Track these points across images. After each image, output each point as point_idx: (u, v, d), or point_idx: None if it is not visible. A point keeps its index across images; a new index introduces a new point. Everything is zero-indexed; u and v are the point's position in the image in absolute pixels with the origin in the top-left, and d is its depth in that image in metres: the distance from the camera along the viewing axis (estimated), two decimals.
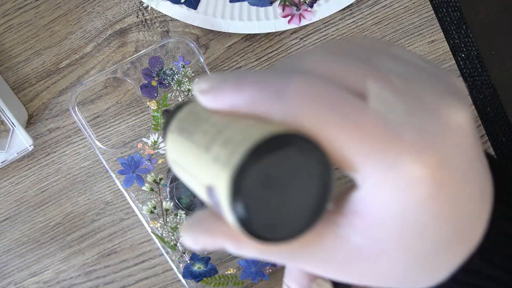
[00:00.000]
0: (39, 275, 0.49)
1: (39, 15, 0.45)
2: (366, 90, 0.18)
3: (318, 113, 0.17)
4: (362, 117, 0.17)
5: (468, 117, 0.18)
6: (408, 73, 0.19)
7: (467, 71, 0.46)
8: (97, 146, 0.44)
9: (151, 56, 0.43)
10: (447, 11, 0.46)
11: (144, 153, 0.44)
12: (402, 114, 0.18)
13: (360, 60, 0.19)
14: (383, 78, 0.18)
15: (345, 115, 0.17)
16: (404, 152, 0.17)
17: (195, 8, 0.43)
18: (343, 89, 0.18)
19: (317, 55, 0.20)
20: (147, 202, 0.45)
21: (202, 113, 0.20)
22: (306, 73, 0.19)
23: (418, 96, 0.18)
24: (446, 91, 0.19)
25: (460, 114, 0.18)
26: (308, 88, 0.18)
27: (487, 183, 0.20)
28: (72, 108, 0.43)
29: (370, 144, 0.17)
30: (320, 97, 0.18)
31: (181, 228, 0.20)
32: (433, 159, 0.17)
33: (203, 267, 0.46)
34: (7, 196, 0.47)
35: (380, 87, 0.18)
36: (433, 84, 0.19)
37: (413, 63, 0.20)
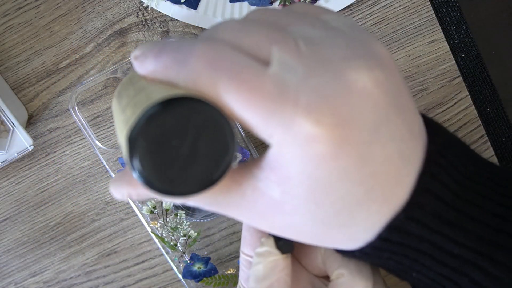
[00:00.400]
0: (39, 275, 0.49)
1: (39, 15, 0.45)
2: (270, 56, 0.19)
3: (215, 78, 0.18)
4: (258, 81, 0.18)
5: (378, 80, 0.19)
6: (323, 38, 0.20)
7: (467, 71, 0.46)
8: (97, 146, 0.44)
9: None
10: (447, 11, 0.46)
11: None
12: (301, 77, 0.18)
13: (271, 28, 0.20)
14: (289, 44, 0.19)
15: (241, 80, 0.18)
16: (298, 113, 0.18)
17: (195, 8, 0.43)
18: (245, 55, 0.19)
19: (230, 23, 0.21)
20: (147, 202, 0.45)
21: (135, 79, 0.22)
22: (215, 40, 0.20)
23: (323, 60, 0.19)
24: (358, 54, 0.19)
25: (365, 76, 0.18)
26: (207, 55, 0.19)
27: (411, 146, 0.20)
28: (72, 108, 0.43)
29: (266, 106, 0.18)
30: (218, 63, 0.19)
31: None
32: (328, 119, 0.18)
33: (203, 267, 0.46)
34: (7, 196, 0.47)
35: (282, 52, 0.19)
36: (346, 48, 0.19)
37: (336, 28, 0.20)
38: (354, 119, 0.18)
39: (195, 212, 0.45)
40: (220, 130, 0.18)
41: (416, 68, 0.46)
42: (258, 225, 0.22)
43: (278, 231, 0.22)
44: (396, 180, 0.20)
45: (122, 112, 0.21)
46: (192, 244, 0.46)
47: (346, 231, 0.21)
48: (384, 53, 0.20)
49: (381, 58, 0.20)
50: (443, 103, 0.46)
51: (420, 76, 0.46)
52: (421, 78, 0.46)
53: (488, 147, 0.47)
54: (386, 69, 0.19)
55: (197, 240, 0.46)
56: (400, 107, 0.20)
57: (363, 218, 0.20)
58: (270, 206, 0.20)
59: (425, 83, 0.46)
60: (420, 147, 0.20)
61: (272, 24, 0.21)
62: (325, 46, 0.19)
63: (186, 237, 0.45)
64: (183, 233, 0.45)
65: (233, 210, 0.21)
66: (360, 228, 0.20)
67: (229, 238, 0.47)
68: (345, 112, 0.18)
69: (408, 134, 0.20)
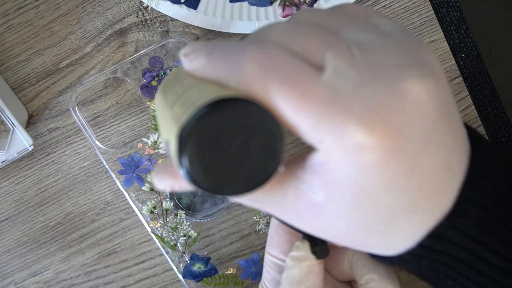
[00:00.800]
0: (39, 275, 0.49)
1: (39, 15, 0.45)
2: (324, 61, 0.19)
3: (267, 81, 0.18)
4: (311, 87, 0.18)
5: (430, 89, 0.18)
6: (376, 44, 0.19)
7: (467, 71, 0.46)
8: (97, 146, 0.44)
9: (151, 56, 0.43)
10: (447, 11, 0.46)
11: (144, 153, 0.44)
12: (355, 85, 0.18)
13: (325, 31, 0.20)
14: (343, 50, 0.19)
15: (294, 85, 0.18)
16: (350, 121, 0.18)
17: (195, 8, 0.43)
18: (299, 59, 0.19)
19: (283, 25, 0.21)
20: (147, 202, 0.45)
21: (182, 75, 0.21)
22: (267, 42, 0.20)
23: (376, 67, 0.18)
24: (410, 62, 0.19)
25: (418, 85, 0.18)
26: (260, 58, 0.19)
27: (457, 156, 0.20)
28: (72, 108, 0.43)
29: (317, 113, 0.18)
30: (270, 67, 0.18)
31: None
32: (380, 128, 0.18)
33: (203, 267, 0.46)
34: (7, 196, 0.47)
35: (336, 58, 0.19)
36: (399, 55, 0.19)
37: (387, 34, 0.20)
38: (405, 129, 0.18)
39: (195, 212, 0.45)
40: (270, 133, 0.18)
41: None
42: (296, 225, 0.22)
43: (316, 232, 0.22)
44: (441, 190, 0.20)
45: (169, 108, 0.20)
46: (192, 244, 0.46)
47: (387, 238, 0.20)
48: (435, 61, 0.20)
49: (433, 66, 0.19)
50: None
51: None
52: None
53: None
54: (437, 78, 0.19)
55: (197, 240, 0.46)
56: (448, 117, 0.19)
57: (405, 226, 0.20)
58: (311, 208, 0.20)
59: None
60: (465, 156, 0.20)
61: (323, 27, 0.20)
62: (378, 52, 0.19)
63: (186, 237, 0.45)
64: (183, 233, 0.45)
65: (273, 208, 0.21)
66: (401, 236, 0.20)
67: (229, 238, 0.47)
68: (397, 122, 0.18)
69: (454, 144, 0.20)
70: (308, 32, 0.20)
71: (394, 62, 0.19)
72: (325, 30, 0.20)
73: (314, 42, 0.19)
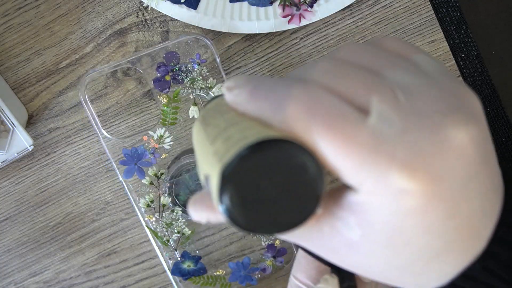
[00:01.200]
0: (39, 275, 0.49)
1: (39, 15, 0.45)
2: (369, 105, 0.19)
3: (311, 124, 0.18)
4: (355, 131, 0.18)
5: (472, 135, 0.19)
6: (418, 86, 0.19)
7: (467, 71, 0.46)
8: (102, 134, 0.44)
9: (168, 50, 0.43)
10: (447, 11, 0.46)
11: (149, 146, 0.44)
12: (399, 130, 0.18)
13: (368, 72, 0.20)
14: (387, 93, 0.19)
15: (337, 129, 0.18)
16: (393, 166, 0.18)
17: (195, 8, 0.43)
18: (343, 102, 0.19)
19: (326, 65, 0.20)
20: (145, 196, 0.44)
21: (223, 108, 0.22)
22: (312, 83, 0.20)
23: (421, 113, 0.19)
24: (453, 107, 0.19)
25: (462, 133, 0.18)
26: (304, 100, 0.19)
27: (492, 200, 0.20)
28: (81, 93, 0.42)
29: (361, 157, 0.18)
30: (315, 109, 0.19)
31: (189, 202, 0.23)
32: (422, 175, 0.18)
33: (192, 266, 0.46)
34: (7, 196, 0.47)
35: (382, 103, 0.19)
36: (441, 99, 0.19)
37: (429, 75, 0.20)
38: (447, 176, 0.18)
39: None
40: (311, 176, 0.18)
41: None
42: (328, 258, 0.22)
43: (348, 267, 0.22)
44: (476, 233, 0.20)
45: (210, 142, 0.21)
46: (185, 242, 0.46)
47: (419, 277, 0.21)
48: (476, 104, 0.20)
49: (474, 110, 0.20)
50: None
51: None
52: None
53: None
54: (479, 123, 0.19)
55: (192, 239, 0.46)
56: (487, 161, 0.20)
57: (438, 268, 0.20)
58: (345, 244, 0.20)
59: None
60: (499, 198, 0.21)
61: (367, 67, 0.20)
62: (421, 97, 0.19)
63: (180, 234, 0.45)
64: (177, 230, 0.45)
65: (307, 242, 0.21)
66: (434, 276, 0.20)
67: (229, 238, 0.47)
68: (439, 169, 0.18)
69: (491, 188, 0.20)
70: (353, 73, 0.20)
71: (437, 108, 0.19)
72: (369, 71, 0.20)
73: (359, 84, 0.19)
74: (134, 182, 0.44)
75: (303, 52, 0.45)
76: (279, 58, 0.45)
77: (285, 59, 0.46)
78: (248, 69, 0.46)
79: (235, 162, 0.18)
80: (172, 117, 0.43)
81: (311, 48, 0.45)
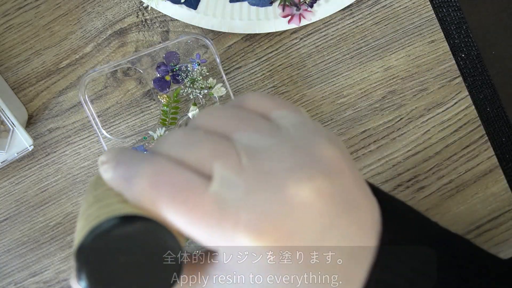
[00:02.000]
0: (39, 275, 0.49)
1: (39, 15, 0.45)
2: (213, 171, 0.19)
3: (156, 198, 0.19)
4: (198, 200, 0.19)
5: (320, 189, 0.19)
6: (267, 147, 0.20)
7: (467, 71, 0.46)
8: (101, 134, 0.44)
9: (168, 50, 0.43)
10: (447, 11, 0.46)
11: (149, 146, 0.44)
12: (242, 194, 0.19)
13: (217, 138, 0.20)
14: (231, 159, 0.19)
15: (181, 200, 0.19)
16: (238, 230, 0.18)
17: (195, 8, 0.43)
18: (189, 172, 0.19)
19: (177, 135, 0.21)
20: None
21: (99, 183, 0.22)
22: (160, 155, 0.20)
23: (264, 174, 0.19)
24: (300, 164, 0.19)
25: (306, 188, 0.19)
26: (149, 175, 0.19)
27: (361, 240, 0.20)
28: (81, 92, 0.43)
29: (207, 224, 0.19)
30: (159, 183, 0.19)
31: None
32: (269, 235, 0.18)
33: None
34: (7, 196, 0.47)
35: (224, 168, 0.19)
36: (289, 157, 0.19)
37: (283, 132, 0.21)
38: (296, 232, 0.18)
39: None
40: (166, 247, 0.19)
41: (416, 68, 0.46)
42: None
43: None
44: (347, 278, 0.20)
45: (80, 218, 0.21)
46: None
47: None
48: (331, 155, 0.20)
49: (326, 162, 0.20)
50: (443, 103, 0.46)
51: (420, 76, 0.46)
52: (421, 78, 0.46)
53: (488, 147, 0.47)
54: (330, 175, 0.19)
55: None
56: (348, 207, 0.20)
57: None
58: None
59: (425, 83, 0.46)
60: (373, 240, 0.21)
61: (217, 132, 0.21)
62: (268, 157, 0.19)
63: None
64: None
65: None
66: None
67: None
68: (286, 227, 0.18)
69: (358, 231, 0.20)
70: (199, 142, 0.20)
71: (283, 166, 0.19)
72: (217, 137, 0.21)
73: (205, 151, 0.20)
74: None
75: (303, 52, 0.45)
76: (279, 58, 0.45)
77: (285, 59, 0.46)
78: (248, 69, 0.46)
79: (87, 241, 0.19)
80: (172, 117, 0.43)
81: (311, 48, 0.45)
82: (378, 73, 0.46)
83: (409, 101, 0.46)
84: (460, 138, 0.47)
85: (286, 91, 0.46)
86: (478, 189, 0.48)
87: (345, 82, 0.46)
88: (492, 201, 0.48)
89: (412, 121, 0.47)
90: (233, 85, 0.46)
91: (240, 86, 0.46)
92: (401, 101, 0.46)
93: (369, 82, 0.46)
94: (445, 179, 0.47)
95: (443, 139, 0.47)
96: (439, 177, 0.47)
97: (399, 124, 0.47)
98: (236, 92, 0.46)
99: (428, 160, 0.47)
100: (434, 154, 0.47)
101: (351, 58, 0.46)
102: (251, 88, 0.46)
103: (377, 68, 0.46)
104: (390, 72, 0.46)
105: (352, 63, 0.46)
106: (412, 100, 0.46)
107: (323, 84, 0.46)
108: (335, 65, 0.46)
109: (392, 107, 0.46)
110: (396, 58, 0.46)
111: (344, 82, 0.46)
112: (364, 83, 0.46)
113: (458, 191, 0.48)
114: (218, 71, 0.43)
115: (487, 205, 0.48)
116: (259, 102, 0.22)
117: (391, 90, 0.46)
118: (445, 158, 0.47)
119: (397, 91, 0.46)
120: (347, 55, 0.46)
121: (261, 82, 0.46)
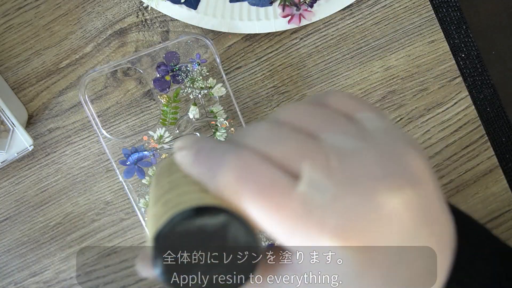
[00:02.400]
0: (39, 275, 0.49)
1: (39, 15, 0.45)
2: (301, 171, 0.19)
3: (241, 192, 0.19)
4: (285, 199, 0.18)
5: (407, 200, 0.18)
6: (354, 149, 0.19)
7: (467, 71, 0.46)
8: (101, 134, 0.44)
9: (168, 50, 0.43)
10: (447, 11, 0.46)
11: (149, 146, 0.44)
12: (330, 197, 0.18)
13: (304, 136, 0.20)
14: (320, 160, 0.19)
15: (267, 197, 0.18)
16: (324, 235, 0.18)
17: (195, 8, 0.43)
18: (275, 168, 0.19)
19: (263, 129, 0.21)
20: (145, 196, 0.44)
21: (173, 168, 0.22)
22: (246, 148, 0.20)
23: (354, 178, 0.19)
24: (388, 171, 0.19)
25: (394, 198, 0.18)
26: (235, 167, 0.19)
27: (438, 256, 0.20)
28: (81, 92, 0.43)
29: (291, 225, 0.18)
30: (245, 177, 0.19)
31: None
32: (354, 242, 0.18)
33: None
34: (7, 196, 0.47)
35: (312, 169, 0.19)
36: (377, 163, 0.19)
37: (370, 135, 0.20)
38: (381, 242, 0.18)
39: None
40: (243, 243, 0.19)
41: (416, 68, 0.46)
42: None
43: None
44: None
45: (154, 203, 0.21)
46: None
47: None
48: (418, 165, 0.20)
49: (414, 172, 0.19)
50: (443, 103, 0.46)
51: (420, 76, 0.46)
52: (421, 78, 0.46)
53: (488, 147, 0.47)
54: (417, 185, 0.19)
55: None
56: (430, 222, 0.19)
57: None
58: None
59: (425, 83, 0.46)
60: (448, 257, 0.20)
61: (303, 129, 0.20)
62: (356, 161, 0.19)
63: None
64: None
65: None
66: None
67: None
68: (372, 236, 0.18)
69: (437, 246, 0.20)
70: (287, 138, 0.20)
71: (372, 172, 0.19)
72: (305, 134, 0.20)
73: (293, 149, 0.20)
74: (134, 182, 0.44)
75: (303, 52, 0.45)
76: (279, 58, 0.45)
77: (285, 59, 0.46)
78: (248, 69, 0.46)
79: (167, 229, 0.18)
80: (172, 117, 0.43)
81: (311, 48, 0.45)
82: (378, 73, 0.46)
83: (409, 101, 0.46)
84: (460, 138, 0.47)
85: (286, 91, 0.46)
86: (478, 189, 0.48)
87: (345, 82, 0.46)
88: (492, 201, 0.48)
89: (412, 121, 0.47)
90: (233, 85, 0.46)
91: (240, 86, 0.46)
92: (401, 101, 0.46)
93: (369, 82, 0.46)
94: (445, 179, 0.47)
95: (443, 139, 0.47)
96: (439, 177, 0.47)
97: (399, 124, 0.47)
98: (236, 92, 0.46)
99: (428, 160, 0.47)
100: (434, 154, 0.47)
101: (351, 58, 0.46)
102: (251, 88, 0.46)
103: (377, 68, 0.46)
104: (390, 72, 0.46)
105: (352, 63, 0.46)
106: (412, 100, 0.46)
107: (323, 84, 0.46)
108: (335, 65, 0.46)
109: (392, 107, 0.46)
110: (396, 58, 0.46)
111: (344, 82, 0.46)
112: (364, 83, 0.46)
113: (458, 191, 0.48)
114: (218, 71, 0.43)
115: (487, 205, 0.48)
116: (344, 102, 0.22)
117: (391, 90, 0.46)
118: (445, 158, 0.47)
119: (397, 91, 0.46)
120: (347, 55, 0.46)
121: (261, 82, 0.46)
